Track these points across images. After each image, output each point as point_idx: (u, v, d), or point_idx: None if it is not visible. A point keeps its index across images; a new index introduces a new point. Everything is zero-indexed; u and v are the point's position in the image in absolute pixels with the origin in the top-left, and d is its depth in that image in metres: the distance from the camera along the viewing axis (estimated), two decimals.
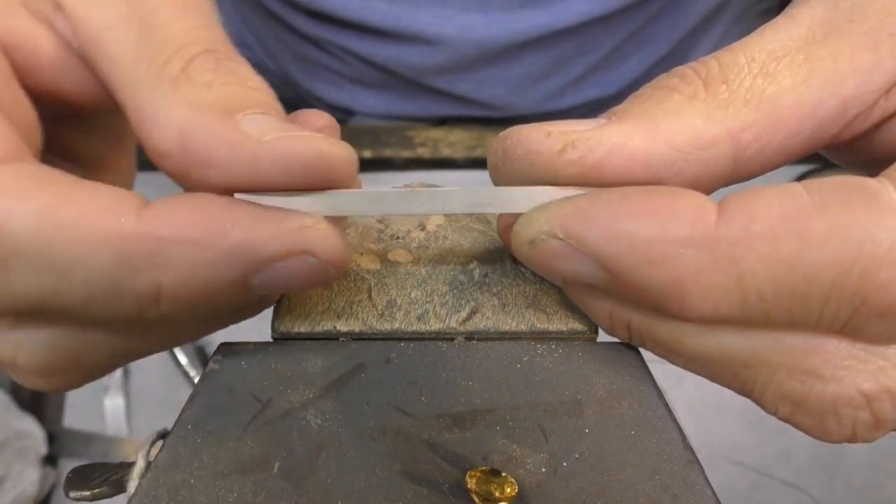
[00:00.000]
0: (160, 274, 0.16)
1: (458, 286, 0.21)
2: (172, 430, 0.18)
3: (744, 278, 0.15)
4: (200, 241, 0.16)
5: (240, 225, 0.16)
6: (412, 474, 0.17)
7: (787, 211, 0.15)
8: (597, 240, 0.16)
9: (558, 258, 0.17)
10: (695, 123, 0.17)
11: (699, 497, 0.17)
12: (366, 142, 0.54)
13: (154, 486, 0.17)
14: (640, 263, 0.16)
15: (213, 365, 0.20)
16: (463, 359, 0.20)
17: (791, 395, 0.17)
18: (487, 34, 0.53)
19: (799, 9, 0.19)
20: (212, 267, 0.16)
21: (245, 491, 0.17)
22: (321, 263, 0.17)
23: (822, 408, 0.17)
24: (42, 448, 0.47)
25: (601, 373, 0.20)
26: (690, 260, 0.15)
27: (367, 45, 0.55)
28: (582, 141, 0.17)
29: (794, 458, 0.47)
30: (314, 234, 0.17)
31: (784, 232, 0.15)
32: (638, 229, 0.16)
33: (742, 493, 0.46)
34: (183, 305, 0.17)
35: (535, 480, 0.17)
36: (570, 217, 0.17)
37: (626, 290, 0.17)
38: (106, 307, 0.17)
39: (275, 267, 0.17)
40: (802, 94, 0.17)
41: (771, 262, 0.15)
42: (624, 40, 0.57)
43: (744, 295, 0.16)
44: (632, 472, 0.18)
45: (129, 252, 0.16)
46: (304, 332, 0.20)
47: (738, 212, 0.15)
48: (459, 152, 0.54)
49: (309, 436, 0.18)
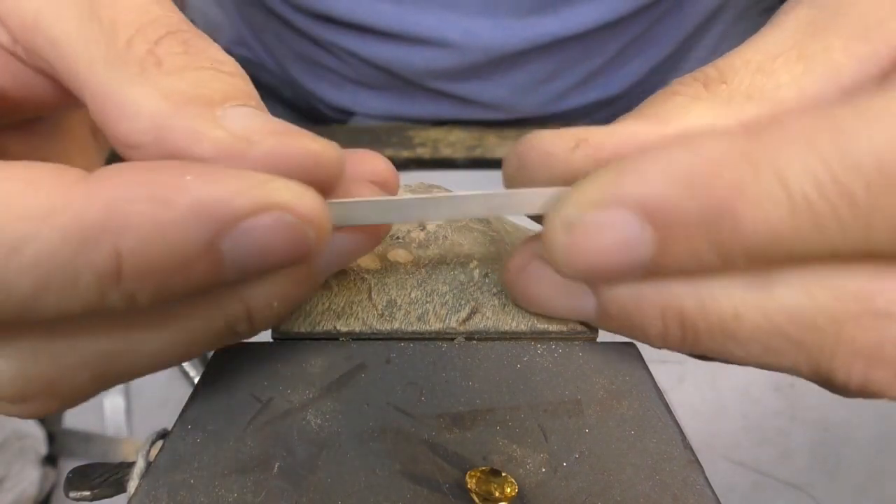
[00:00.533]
0: (116, 240, 0.14)
1: (458, 286, 0.21)
2: (172, 430, 0.18)
3: (788, 182, 0.15)
4: (157, 197, 0.14)
5: (201, 178, 0.15)
6: (412, 474, 0.17)
7: (815, 111, 0.15)
8: (637, 187, 0.16)
9: (601, 235, 0.16)
10: (703, 121, 0.17)
11: (699, 497, 0.17)
12: (366, 142, 0.54)
13: (154, 486, 0.17)
14: (685, 194, 0.15)
15: (213, 365, 0.20)
16: (463, 359, 0.20)
17: (865, 346, 0.16)
18: (493, 40, 0.53)
19: (785, 15, 0.19)
20: (173, 227, 0.15)
21: (245, 491, 0.17)
22: (298, 223, 0.16)
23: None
24: (42, 448, 0.47)
25: (601, 373, 0.20)
26: (733, 176, 0.15)
27: (371, 47, 0.55)
28: (594, 137, 0.17)
29: (794, 458, 0.47)
30: (286, 186, 0.16)
31: (816, 127, 0.15)
32: (678, 163, 0.15)
33: (742, 493, 0.46)
34: (147, 282, 0.15)
35: (535, 480, 0.17)
36: (601, 181, 0.16)
37: (676, 243, 0.16)
38: (62, 294, 0.15)
39: (245, 228, 0.15)
40: (803, 88, 0.18)
41: (809, 158, 0.15)
42: (627, 44, 0.57)
43: (791, 200, 0.15)
44: (632, 472, 0.18)
45: (81, 220, 0.14)
46: (304, 332, 0.20)
47: (764, 123, 0.15)
48: (459, 152, 0.54)
49: (309, 436, 0.18)
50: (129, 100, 0.16)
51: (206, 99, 0.16)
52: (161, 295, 0.16)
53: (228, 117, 0.16)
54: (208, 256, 0.15)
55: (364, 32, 0.54)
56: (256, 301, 0.18)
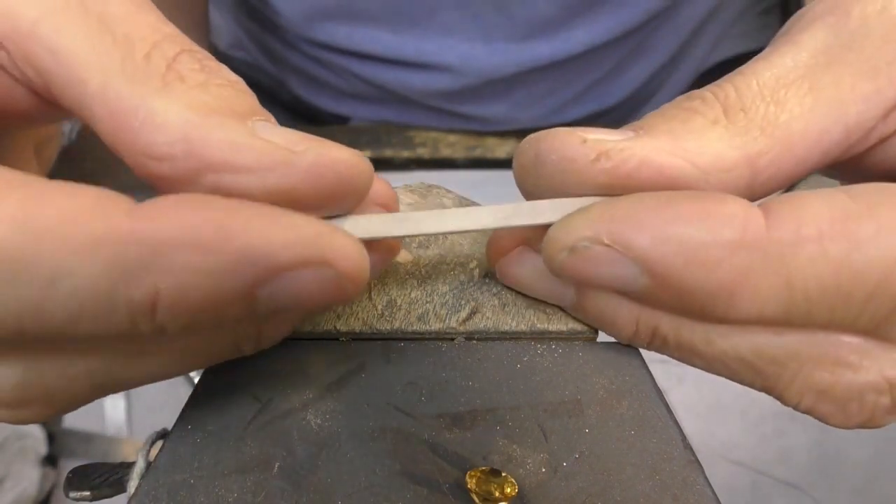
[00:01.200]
0: (158, 280, 0.14)
1: (458, 286, 0.21)
2: (172, 430, 0.18)
3: (793, 279, 0.16)
4: (204, 245, 0.14)
5: (250, 227, 0.15)
6: (412, 474, 0.17)
7: (835, 215, 0.16)
8: (645, 244, 0.16)
9: (600, 265, 0.17)
10: (717, 147, 0.18)
11: (699, 497, 0.17)
12: (366, 142, 0.54)
13: (154, 486, 0.17)
14: (690, 267, 0.16)
15: (213, 365, 0.20)
16: (463, 359, 0.20)
17: (818, 385, 0.18)
18: (490, 63, 0.53)
19: (801, 35, 0.19)
20: (216, 274, 0.15)
21: (245, 491, 0.17)
22: (338, 277, 0.16)
23: (848, 395, 0.18)
24: (42, 448, 0.47)
25: (601, 373, 0.20)
26: (742, 263, 0.16)
27: (370, 70, 0.56)
28: (615, 151, 0.17)
29: (794, 458, 0.47)
30: (333, 240, 0.15)
31: (833, 233, 0.16)
32: (690, 233, 0.16)
33: (742, 493, 0.46)
34: (180, 318, 0.15)
35: (535, 480, 0.17)
36: (616, 221, 0.17)
37: (669, 295, 0.17)
38: (95, 323, 0.15)
39: (286, 277, 0.15)
40: (809, 122, 0.18)
41: (820, 263, 0.16)
42: (624, 57, 0.57)
43: (791, 295, 0.16)
44: (632, 472, 0.18)
45: (124, 255, 0.14)
46: (304, 332, 0.20)
47: (786, 216, 0.16)
48: (459, 152, 0.54)
49: (309, 436, 0.18)
50: (155, 111, 0.16)
51: (234, 111, 0.16)
52: (190, 328, 0.16)
53: (258, 129, 0.16)
54: (243, 301, 0.15)
55: (363, 58, 0.55)
56: (269, 327, 0.18)
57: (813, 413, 0.19)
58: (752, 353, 0.18)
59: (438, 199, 0.24)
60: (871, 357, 0.17)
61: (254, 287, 0.15)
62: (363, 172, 0.17)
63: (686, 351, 0.19)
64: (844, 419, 0.18)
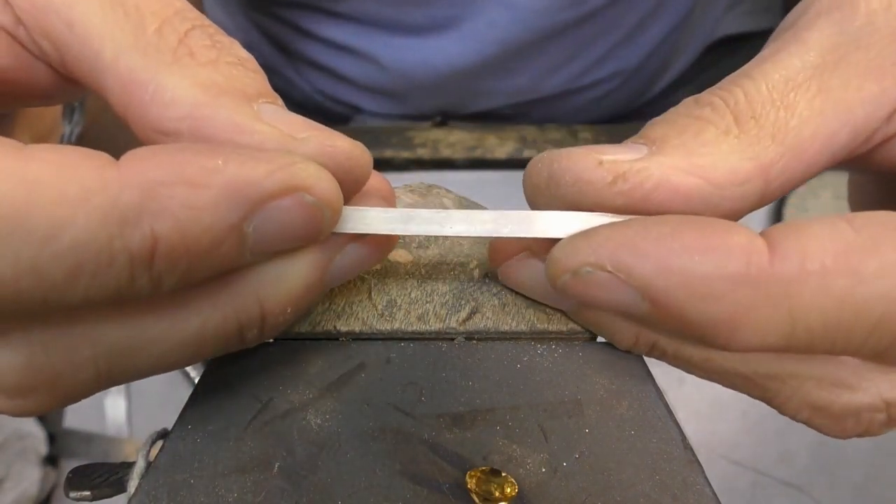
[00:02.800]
0: (153, 221, 0.14)
1: (458, 286, 0.21)
2: (172, 430, 0.18)
3: (795, 313, 0.16)
4: (192, 181, 0.15)
5: (233, 161, 0.15)
6: (412, 474, 0.17)
7: (838, 248, 0.16)
8: (648, 274, 0.16)
9: (602, 290, 0.17)
10: (731, 160, 0.18)
11: (699, 497, 0.17)
12: (366, 142, 0.53)
13: (154, 486, 0.17)
14: (692, 299, 0.16)
15: (213, 365, 0.20)
16: (463, 359, 0.20)
17: (816, 403, 0.18)
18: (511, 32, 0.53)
19: (808, 32, 0.19)
20: (209, 208, 0.15)
21: (245, 491, 0.17)
22: (316, 203, 0.16)
23: (846, 413, 0.18)
24: (43, 448, 0.47)
25: (601, 373, 0.20)
26: (744, 296, 0.16)
27: (393, 48, 0.57)
28: (632, 174, 0.17)
29: (794, 458, 0.47)
30: (308, 168, 0.16)
31: (836, 269, 0.16)
32: (692, 265, 0.16)
33: (742, 493, 0.46)
34: (177, 265, 0.15)
35: (535, 480, 0.17)
36: (620, 249, 0.17)
37: (670, 323, 0.17)
38: (94, 280, 0.15)
39: (270, 208, 0.16)
40: (819, 126, 0.18)
41: (822, 297, 0.16)
42: (642, 17, 0.58)
43: (793, 329, 0.16)
44: (632, 472, 0.18)
45: (118, 201, 0.14)
46: (304, 332, 0.20)
47: (789, 249, 0.16)
48: (459, 153, 0.54)
49: (309, 436, 0.18)
50: (165, 86, 0.16)
51: (241, 92, 0.17)
52: (185, 279, 0.16)
53: (263, 112, 0.17)
54: (233, 237, 0.16)
55: (392, 29, 0.55)
56: (272, 303, 0.18)
57: (810, 424, 0.19)
58: (752, 371, 0.18)
59: (438, 199, 0.24)
60: (870, 379, 0.18)
61: (242, 220, 0.15)
62: (362, 164, 0.18)
63: (684, 364, 0.19)
64: (840, 432, 0.19)
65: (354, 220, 0.18)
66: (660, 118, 0.19)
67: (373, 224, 0.18)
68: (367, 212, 0.18)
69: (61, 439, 0.49)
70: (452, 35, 0.55)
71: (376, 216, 0.18)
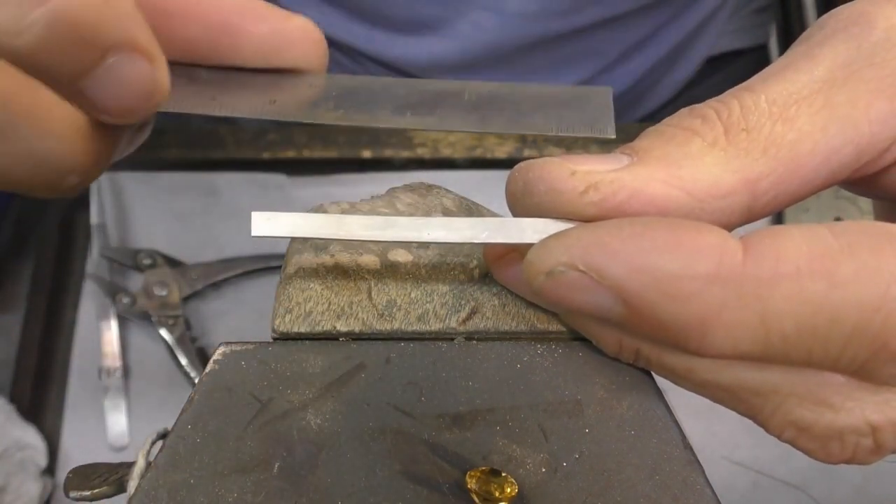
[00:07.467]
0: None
1: (457, 286, 0.21)
2: (172, 430, 0.18)
3: (768, 317, 0.15)
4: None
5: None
6: (412, 474, 0.17)
7: (814, 252, 0.15)
8: (619, 273, 0.16)
9: (576, 291, 0.17)
10: (713, 172, 0.17)
11: (699, 497, 0.17)
12: (366, 142, 0.54)
13: (154, 486, 0.17)
14: (662, 299, 0.16)
15: (213, 365, 0.20)
16: (463, 359, 0.20)
17: (799, 422, 0.17)
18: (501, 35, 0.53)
19: (821, 48, 0.18)
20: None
21: (245, 491, 0.17)
22: (154, 71, 0.17)
23: (829, 434, 0.17)
24: (42, 460, 0.46)
25: (601, 373, 0.20)
26: (715, 297, 0.16)
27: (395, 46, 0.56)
28: (605, 184, 0.17)
29: (794, 458, 0.47)
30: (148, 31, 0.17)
31: (811, 272, 0.15)
32: (663, 264, 0.16)
33: (742, 493, 0.46)
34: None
35: (535, 480, 0.17)
36: (591, 248, 0.17)
37: (644, 326, 0.17)
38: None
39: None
40: (819, 141, 0.17)
41: (796, 301, 0.15)
42: (637, 41, 0.57)
43: (767, 334, 0.16)
44: (632, 472, 0.18)
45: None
46: (304, 332, 0.20)
47: (764, 251, 0.16)
48: (459, 153, 0.54)
49: (309, 436, 0.18)
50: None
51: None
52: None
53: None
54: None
55: (395, 28, 0.55)
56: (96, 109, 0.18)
57: (795, 446, 0.18)
58: (734, 383, 0.18)
59: (438, 199, 0.24)
60: (854, 399, 0.17)
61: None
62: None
63: (669, 374, 0.19)
64: (826, 456, 0.18)
65: (333, 228, 0.18)
66: (652, 128, 0.19)
67: (352, 230, 0.18)
68: (345, 219, 0.18)
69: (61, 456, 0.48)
70: (437, 33, 0.54)
71: (355, 223, 0.18)
